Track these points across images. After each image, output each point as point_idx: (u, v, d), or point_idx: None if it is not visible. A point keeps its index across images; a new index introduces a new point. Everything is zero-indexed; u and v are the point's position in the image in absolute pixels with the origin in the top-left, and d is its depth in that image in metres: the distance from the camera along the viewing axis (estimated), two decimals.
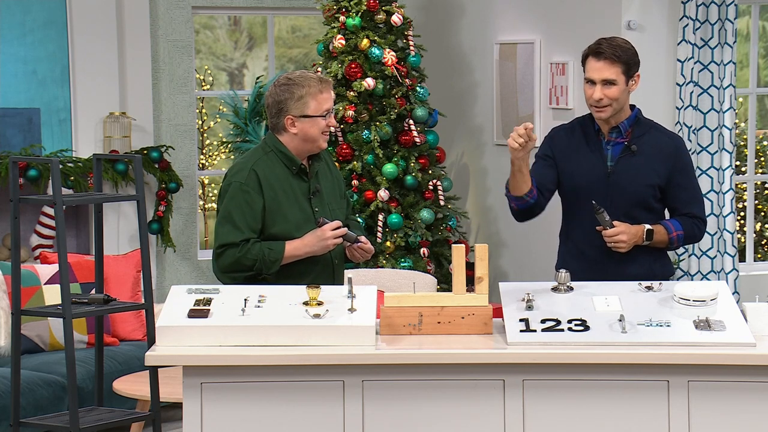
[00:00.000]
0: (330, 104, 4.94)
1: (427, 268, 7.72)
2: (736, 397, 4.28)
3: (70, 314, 4.88)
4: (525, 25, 8.13)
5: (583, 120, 5.13)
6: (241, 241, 4.87)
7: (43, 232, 8.09)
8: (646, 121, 5.10)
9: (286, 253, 4.88)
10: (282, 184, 4.95)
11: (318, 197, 5.01)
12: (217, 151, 12.04)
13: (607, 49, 4.96)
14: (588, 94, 4.98)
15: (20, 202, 4.99)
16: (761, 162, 11.09)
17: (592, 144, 5.04)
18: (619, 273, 4.89)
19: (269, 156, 4.97)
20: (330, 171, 5.12)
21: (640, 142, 5.02)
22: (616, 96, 4.95)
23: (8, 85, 8.25)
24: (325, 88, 4.94)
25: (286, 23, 11.17)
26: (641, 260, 5.01)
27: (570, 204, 5.10)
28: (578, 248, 5.07)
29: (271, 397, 4.28)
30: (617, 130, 5.03)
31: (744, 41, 9.29)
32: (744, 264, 8.15)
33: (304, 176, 5.00)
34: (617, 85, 4.96)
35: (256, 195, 4.90)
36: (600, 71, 4.94)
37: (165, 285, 8.51)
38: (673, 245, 5.04)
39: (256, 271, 4.87)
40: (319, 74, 5.04)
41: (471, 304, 4.47)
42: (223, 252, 4.88)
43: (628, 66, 4.98)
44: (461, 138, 8.76)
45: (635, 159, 4.98)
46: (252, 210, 4.90)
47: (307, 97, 4.91)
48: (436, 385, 4.29)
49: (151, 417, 5.14)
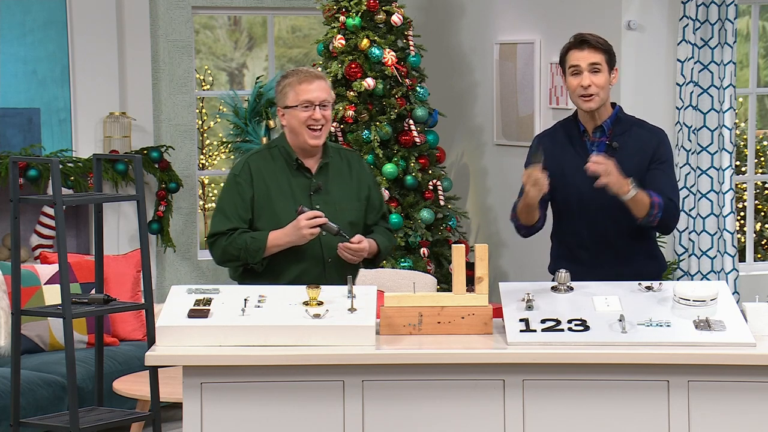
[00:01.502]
0: (311, 96, 4.92)
1: (427, 268, 7.72)
2: (736, 397, 4.28)
3: (70, 314, 4.88)
4: (525, 25, 8.13)
5: (566, 123, 5.13)
6: (228, 230, 4.94)
7: (43, 232, 8.08)
8: (627, 118, 5.09)
9: (268, 242, 4.89)
10: (276, 178, 4.97)
11: (321, 195, 5.00)
12: (217, 151, 12.03)
13: (590, 38, 4.98)
14: (574, 84, 4.95)
15: (20, 202, 4.99)
16: (761, 162, 11.09)
17: (577, 145, 5.03)
18: (612, 274, 4.87)
19: (271, 151, 5.03)
20: (351, 172, 5.10)
21: (621, 139, 5.01)
22: (602, 84, 4.94)
23: (8, 85, 8.25)
24: (306, 80, 4.94)
25: (286, 23, 11.16)
26: (635, 260, 5.01)
27: (560, 207, 5.09)
28: (570, 250, 5.06)
29: (271, 397, 4.28)
30: (601, 129, 5.03)
31: (744, 41, 9.29)
32: (744, 264, 8.15)
33: (306, 173, 5.01)
34: (602, 72, 4.95)
35: (246, 186, 4.96)
36: (586, 58, 4.94)
37: (165, 285, 8.51)
38: (653, 212, 4.87)
39: (242, 260, 4.90)
40: (311, 68, 5.04)
41: (471, 304, 4.47)
42: (214, 242, 4.98)
43: (610, 55, 5.00)
44: (461, 138, 8.76)
45: (618, 156, 4.96)
46: (242, 200, 4.95)
47: (287, 88, 4.97)
48: (436, 385, 4.29)
49: (151, 417, 5.14)
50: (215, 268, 8.69)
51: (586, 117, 5.03)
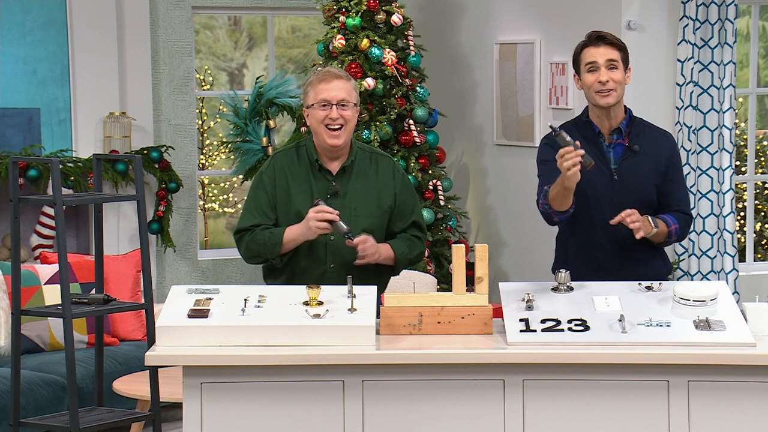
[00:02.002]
0: (328, 95, 4.91)
1: (427, 268, 7.72)
2: (736, 397, 4.28)
3: (70, 314, 4.88)
4: (525, 25, 8.13)
5: (579, 123, 5.04)
6: (251, 226, 4.95)
7: (43, 232, 8.08)
8: (639, 121, 5.07)
9: (285, 237, 4.89)
10: (298, 177, 4.98)
11: (339, 199, 4.97)
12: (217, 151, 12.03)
13: (607, 35, 4.95)
14: (591, 81, 4.90)
15: (20, 202, 4.99)
16: (761, 162, 11.09)
17: (594, 147, 4.94)
18: (630, 274, 4.83)
19: (299, 150, 5.05)
20: (377, 176, 5.04)
21: (638, 141, 4.99)
22: (620, 80, 4.91)
23: (8, 85, 8.25)
24: (325, 79, 4.94)
25: (286, 23, 11.16)
26: (651, 262, 4.99)
27: (577, 208, 4.93)
28: (587, 253, 5.00)
29: (271, 397, 4.28)
30: (618, 131, 4.99)
31: (744, 41, 9.29)
32: (744, 264, 8.15)
33: (328, 175, 5.00)
34: (619, 69, 4.92)
35: (269, 183, 4.98)
36: (603, 54, 4.91)
37: (165, 285, 8.51)
38: (671, 239, 4.99)
39: (263, 257, 4.91)
40: (335, 68, 5.02)
41: (471, 304, 4.47)
42: (240, 238, 4.99)
43: (625, 53, 4.97)
44: (461, 138, 8.76)
45: (637, 159, 4.95)
46: (266, 196, 4.97)
47: (308, 87, 4.99)
48: (436, 385, 4.29)
49: (151, 417, 5.14)
50: (215, 268, 8.69)
51: (601, 118, 4.97)
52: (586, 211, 4.96)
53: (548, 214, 4.93)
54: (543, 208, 4.93)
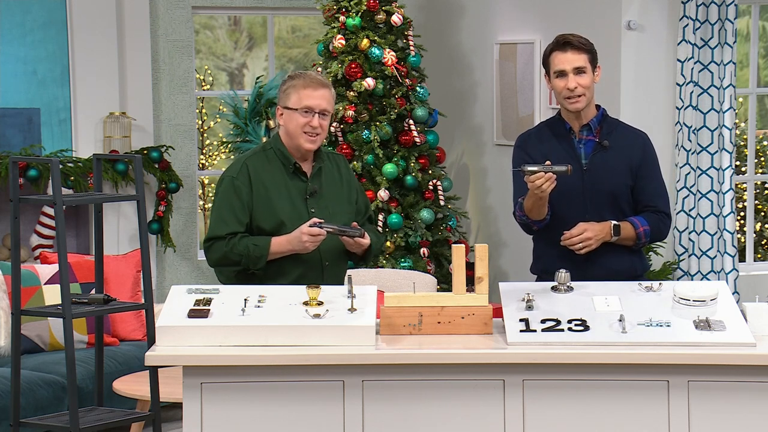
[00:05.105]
0: (312, 103, 4.92)
1: (427, 268, 7.72)
2: (736, 397, 4.28)
3: (70, 314, 4.88)
4: (525, 25, 8.14)
5: (551, 122, 5.16)
6: (227, 235, 4.91)
7: (43, 232, 8.09)
8: (612, 119, 5.16)
9: (270, 249, 4.89)
10: (275, 180, 4.97)
11: (316, 198, 5.01)
12: (217, 151, 12.03)
13: (573, 39, 5.01)
14: (560, 87, 5.00)
15: (20, 202, 4.99)
16: (761, 162, 11.09)
17: (564, 144, 5.07)
18: (602, 271, 4.89)
19: (267, 153, 5.03)
20: (340, 175, 5.12)
21: (610, 138, 5.07)
22: (588, 84, 5.00)
23: (8, 85, 8.25)
24: (312, 86, 4.94)
25: (286, 23, 11.16)
26: (623, 256, 5.04)
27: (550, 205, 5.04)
28: (559, 249, 5.06)
29: (271, 397, 4.28)
30: (588, 128, 5.07)
31: (744, 41, 9.29)
32: (744, 264, 8.15)
33: (302, 176, 5.01)
34: (587, 73, 5.01)
35: (245, 188, 4.94)
36: (570, 61, 4.99)
37: (165, 285, 8.51)
38: (641, 241, 5.06)
39: (243, 266, 4.91)
40: (320, 75, 5.04)
41: (471, 304, 4.47)
42: (211, 245, 4.95)
43: (592, 55, 5.05)
44: (461, 138, 8.76)
45: (608, 155, 5.03)
46: (240, 203, 4.93)
47: (290, 89, 4.97)
48: (436, 385, 4.29)
49: (151, 417, 5.14)
50: None
51: (571, 116, 5.08)
52: (560, 207, 5.04)
53: (527, 225, 5.10)
54: (521, 219, 5.08)
